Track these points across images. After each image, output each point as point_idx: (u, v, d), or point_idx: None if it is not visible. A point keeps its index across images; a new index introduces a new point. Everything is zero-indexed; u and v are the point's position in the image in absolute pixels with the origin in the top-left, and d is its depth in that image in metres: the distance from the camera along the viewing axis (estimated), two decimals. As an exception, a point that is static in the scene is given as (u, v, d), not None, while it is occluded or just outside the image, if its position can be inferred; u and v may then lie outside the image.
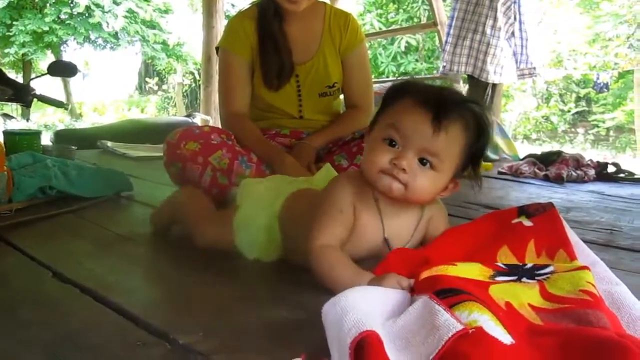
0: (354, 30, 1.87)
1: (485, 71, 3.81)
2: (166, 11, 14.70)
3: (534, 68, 3.89)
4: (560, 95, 11.80)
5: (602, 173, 2.57)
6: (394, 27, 11.40)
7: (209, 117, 4.93)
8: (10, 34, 12.97)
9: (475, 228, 1.10)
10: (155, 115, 15.56)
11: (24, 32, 12.88)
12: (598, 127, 11.29)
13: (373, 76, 1.37)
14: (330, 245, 0.93)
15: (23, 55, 13.80)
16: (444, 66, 4.02)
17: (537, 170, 2.62)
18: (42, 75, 2.76)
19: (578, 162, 2.63)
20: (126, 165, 2.55)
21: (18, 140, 2.15)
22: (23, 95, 2.61)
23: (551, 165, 2.64)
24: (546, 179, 2.51)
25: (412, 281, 0.84)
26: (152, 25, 14.26)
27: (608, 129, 11.27)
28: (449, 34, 3.95)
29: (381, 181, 0.94)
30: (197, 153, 1.56)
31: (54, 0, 13.04)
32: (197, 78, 14.61)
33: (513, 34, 3.80)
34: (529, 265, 0.92)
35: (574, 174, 2.48)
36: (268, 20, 1.77)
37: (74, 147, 2.57)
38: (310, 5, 1.72)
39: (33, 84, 2.70)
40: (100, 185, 1.76)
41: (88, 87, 16.84)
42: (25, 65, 14.60)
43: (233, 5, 9.74)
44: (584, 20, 11.22)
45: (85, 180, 1.74)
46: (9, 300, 0.91)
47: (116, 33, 13.93)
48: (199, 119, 4.76)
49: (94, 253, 1.21)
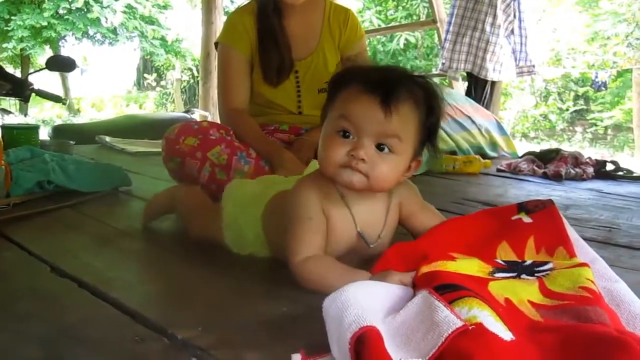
0: (354, 26, 1.87)
1: (484, 69, 3.81)
2: (165, 7, 14.64)
3: (533, 66, 3.89)
4: (559, 93, 11.81)
5: (601, 171, 2.57)
6: (393, 24, 11.39)
7: (208, 113, 4.92)
8: (9, 28, 12.91)
9: (474, 223, 1.09)
10: (154, 111, 15.54)
11: (22, 27, 12.83)
12: (596, 126, 11.30)
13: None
14: (310, 256, 0.91)
15: (21, 50, 13.74)
16: (443, 63, 4.02)
17: (536, 168, 2.62)
18: (40, 70, 2.75)
19: (577, 160, 2.63)
20: (124, 160, 2.54)
21: (16, 135, 2.14)
22: (21, 90, 2.60)
23: (550, 163, 2.64)
24: (545, 176, 2.50)
25: (413, 274, 0.84)
26: (151, 21, 14.21)
27: (606, 128, 11.29)
28: (448, 31, 3.95)
29: (341, 176, 0.91)
30: (196, 148, 1.56)
31: (52, -5, 13.00)
32: (196, 74, 14.59)
33: (512, 31, 3.80)
34: (529, 262, 0.92)
35: (572, 171, 2.48)
36: (267, 16, 1.76)
37: (72, 142, 2.56)
38: (309, 0, 1.72)
39: (31, 78, 2.69)
40: (99, 180, 1.75)
41: (86, 83, 16.79)
42: (23, 60, 14.53)
43: (232, 1, 9.69)
44: (583, 18, 11.22)
45: (84, 175, 1.74)
46: (7, 295, 0.91)
47: (115, 28, 13.88)
48: (197, 114, 4.75)
49: (92, 248, 1.21)
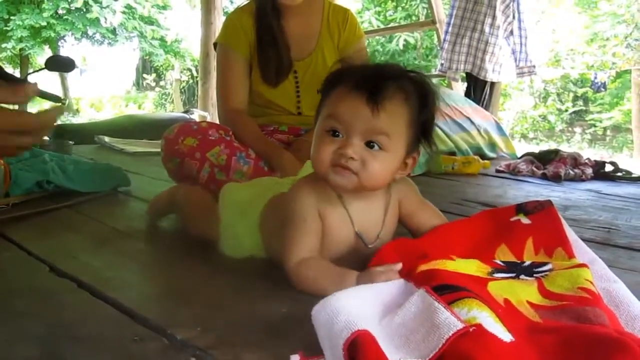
0: (353, 26, 1.86)
1: (483, 69, 3.81)
2: (164, 7, 14.64)
3: (533, 66, 3.89)
4: (558, 94, 11.82)
5: (600, 172, 2.57)
6: (392, 25, 11.39)
7: (207, 114, 4.92)
8: (8, 28, 12.91)
9: (473, 225, 1.09)
10: (153, 111, 15.54)
11: (21, 27, 12.83)
12: (595, 127, 11.32)
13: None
14: (304, 258, 0.91)
15: (20, 50, 13.74)
16: (442, 64, 4.02)
17: (535, 169, 2.62)
18: (40, 70, 2.75)
19: (576, 161, 2.63)
20: (123, 160, 2.54)
21: (15, 135, 2.13)
22: (20, 89, 2.59)
23: (549, 164, 2.64)
24: (544, 177, 2.51)
25: (399, 267, 0.84)
26: (150, 21, 14.21)
27: (605, 129, 11.30)
28: (447, 32, 3.95)
29: (331, 176, 0.90)
30: (195, 149, 1.56)
31: (51, -5, 13.00)
32: (195, 74, 14.60)
33: (512, 32, 3.80)
34: (527, 262, 0.92)
35: (571, 172, 2.48)
36: (266, 16, 1.76)
37: (71, 142, 2.56)
38: (308, 0, 1.72)
39: (30, 78, 2.70)
40: (98, 180, 1.75)
41: (85, 83, 16.82)
42: (22, 60, 14.53)
43: (231, 2, 9.70)
44: (582, 19, 11.24)
45: (83, 175, 1.74)
46: (6, 294, 0.91)
47: (114, 29, 13.89)
48: (196, 115, 4.75)
49: (91, 248, 1.20)
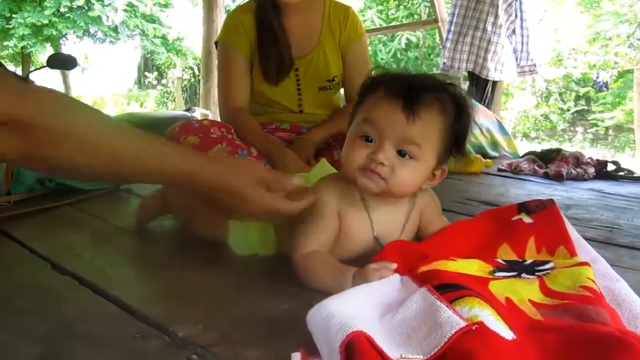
0: (354, 24, 1.86)
1: (485, 68, 3.80)
2: (166, 5, 14.63)
3: (535, 65, 3.87)
4: (560, 93, 11.79)
5: (602, 171, 2.56)
6: (394, 24, 11.37)
7: (209, 112, 4.91)
8: (10, 26, 12.91)
9: (474, 225, 1.09)
10: (155, 109, 15.53)
11: (23, 25, 12.82)
12: (597, 126, 11.28)
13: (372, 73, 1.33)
14: (311, 251, 0.92)
15: (22, 48, 13.73)
16: (444, 63, 4.01)
17: (537, 168, 2.61)
18: (42, 68, 2.75)
19: (578, 160, 2.63)
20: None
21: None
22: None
23: (551, 163, 2.64)
24: (546, 176, 2.50)
25: (395, 266, 0.83)
26: (152, 19, 14.20)
27: (607, 128, 11.27)
28: (449, 30, 3.94)
29: (360, 179, 0.92)
30: (197, 147, 1.55)
31: (53, -7, 13.00)
32: (197, 73, 14.58)
33: (514, 31, 3.79)
34: (529, 261, 0.92)
35: (573, 171, 2.47)
36: (266, 14, 1.75)
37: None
38: None
39: (32, 76, 2.70)
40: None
41: (87, 81, 16.81)
42: (24, 58, 14.53)
43: (233, 0, 9.70)
44: (585, 19, 11.20)
45: (84, 172, 1.73)
46: (8, 291, 0.91)
47: (116, 27, 13.88)
48: (198, 113, 4.74)
49: (92, 245, 1.21)
